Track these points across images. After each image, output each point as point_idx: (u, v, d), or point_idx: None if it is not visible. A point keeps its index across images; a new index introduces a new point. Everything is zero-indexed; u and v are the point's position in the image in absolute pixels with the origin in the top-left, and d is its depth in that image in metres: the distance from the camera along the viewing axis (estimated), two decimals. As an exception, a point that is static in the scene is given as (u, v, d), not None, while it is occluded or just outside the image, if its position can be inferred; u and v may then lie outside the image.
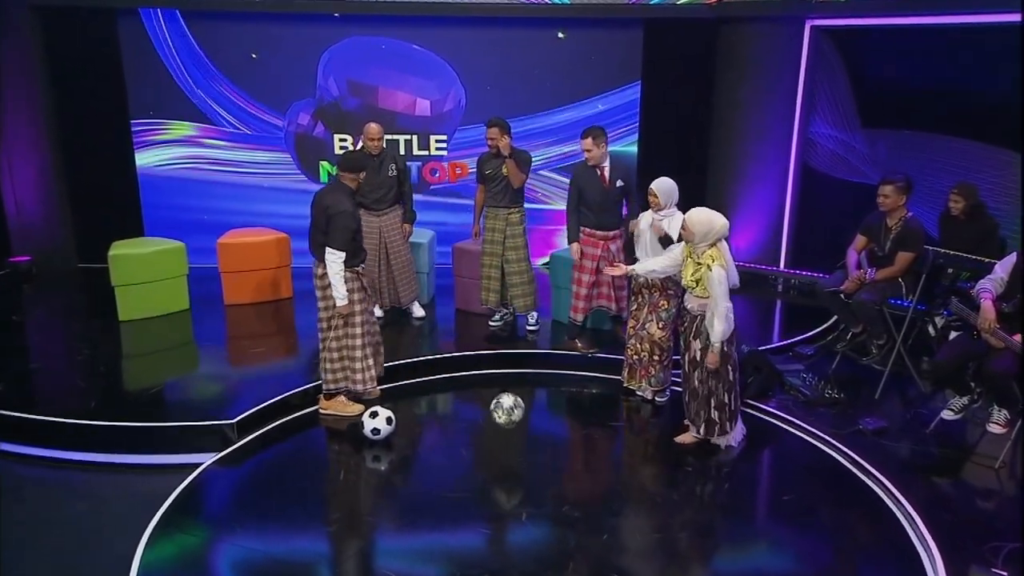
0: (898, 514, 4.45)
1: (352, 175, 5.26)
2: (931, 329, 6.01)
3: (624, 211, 6.07)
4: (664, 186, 5.37)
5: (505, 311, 6.75)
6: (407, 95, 8.22)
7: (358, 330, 5.34)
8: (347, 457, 5.11)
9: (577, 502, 4.55)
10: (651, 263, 5.19)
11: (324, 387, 5.44)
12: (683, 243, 4.95)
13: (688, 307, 4.97)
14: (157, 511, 4.38)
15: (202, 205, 8.41)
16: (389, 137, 8.10)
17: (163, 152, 8.29)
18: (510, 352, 6.37)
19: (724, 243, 4.81)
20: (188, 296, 7.17)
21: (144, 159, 8.27)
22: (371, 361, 5.48)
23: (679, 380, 5.31)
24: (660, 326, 5.42)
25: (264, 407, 5.35)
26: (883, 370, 5.77)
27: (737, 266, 4.91)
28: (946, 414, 5.27)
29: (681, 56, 7.93)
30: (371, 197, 6.37)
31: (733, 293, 4.79)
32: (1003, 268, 4.93)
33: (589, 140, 5.80)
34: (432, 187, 8.50)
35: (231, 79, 8.07)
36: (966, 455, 5.02)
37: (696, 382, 4.98)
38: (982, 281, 4.98)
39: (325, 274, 5.17)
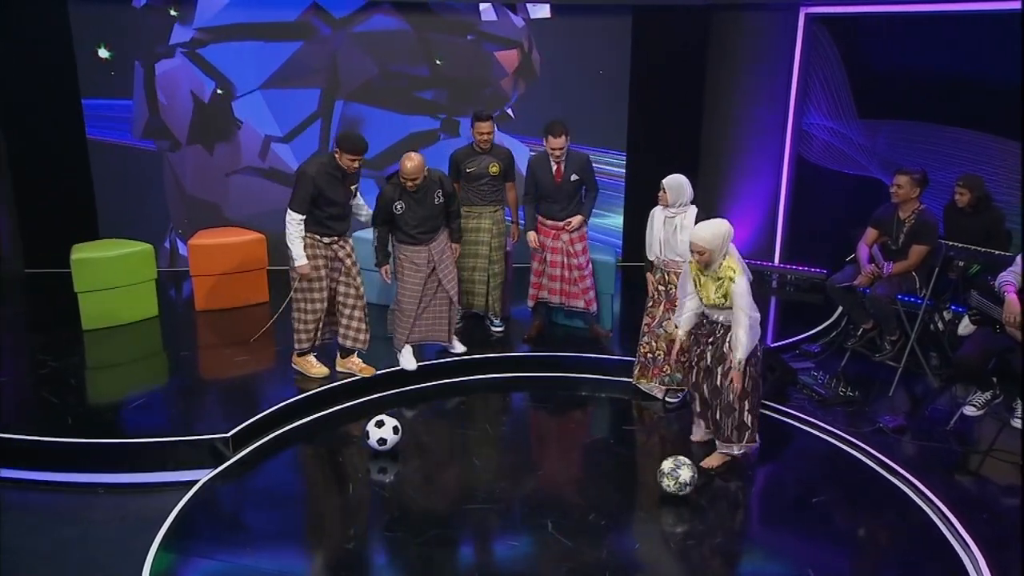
0: (930, 513, 4.33)
1: (347, 155, 5.09)
2: (940, 323, 5.94)
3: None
4: (674, 182, 5.18)
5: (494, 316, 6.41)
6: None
7: (318, 295, 5.34)
8: (352, 469, 4.82)
9: (602, 510, 4.34)
10: (737, 346, 4.46)
11: (296, 345, 5.52)
12: (689, 270, 4.62)
13: (719, 319, 4.57)
14: (155, 533, 4.05)
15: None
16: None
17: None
18: (512, 356, 6.09)
19: (733, 247, 4.53)
20: (157, 302, 6.72)
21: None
22: (319, 325, 5.46)
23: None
24: (677, 325, 5.21)
25: (259, 419, 4.99)
26: (895, 366, 5.67)
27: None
28: (968, 410, 5.17)
29: (672, 45, 7.74)
30: (417, 231, 5.46)
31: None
32: (1025, 260, 4.85)
33: (564, 139, 5.69)
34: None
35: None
36: (989, 451, 4.91)
37: (732, 395, 4.56)
38: (1003, 274, 4.90)
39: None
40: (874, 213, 5.88)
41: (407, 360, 5.68)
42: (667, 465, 4.37)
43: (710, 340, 4.65)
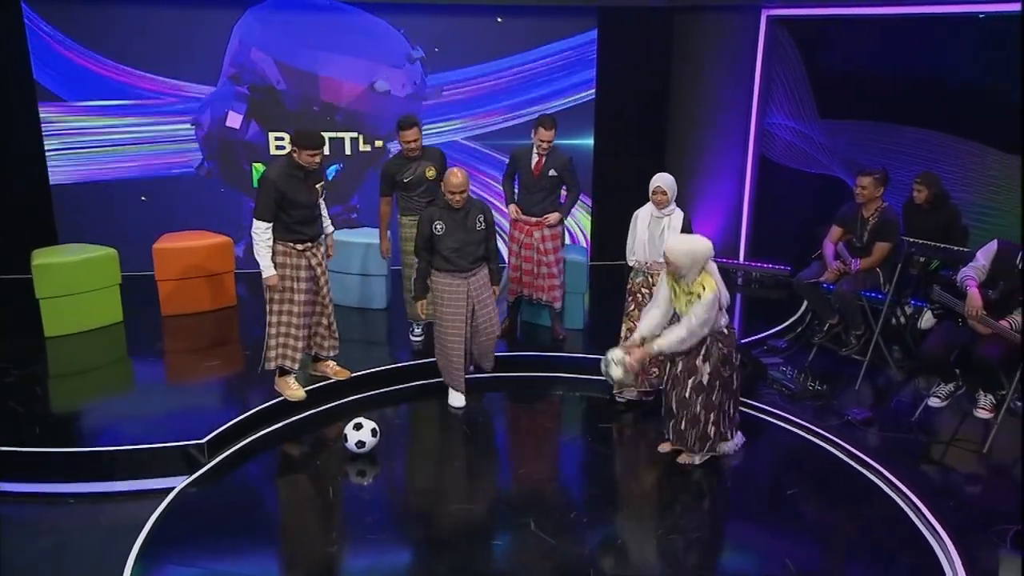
0: (900, 502, 4.46)
1: (305, 152, 4.89)
2: (902, 318, 6.11)
3: (561, 199, 6.11)
4: (670, 181, 5.16)
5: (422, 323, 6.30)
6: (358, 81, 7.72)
7: (295, 308, 5.10)
8: (331, 472, 4.77)
9: (583, 507, 4.39)
10: (666, 335, 4.58)
11: (270, 364, 5.23)
12: (665, 279, 4.64)
13: None
14: (131, 542, 3.98)
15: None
16: (335, 135, 7.75)
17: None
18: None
19: (713, 265, 4.53)
20: (121, 307, 6.59)
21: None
22: (301, 342, 5.19)
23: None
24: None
25: (234, 424, 4.94)
26: (861, 360, 5.81)
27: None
28: (933, 401, 5.33)
29: (636, 46, 7.83)
30: (455, 255, 5.16)
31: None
32: (984, 256, 5.00)
33: (553, 133, 5.78)
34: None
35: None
36: (953, 441, 5.09)
37: (699, 407, 4.64)
38: (965, 269, 5.05)
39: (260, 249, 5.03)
40: (838, 211, 6.01)
41: (455, 398, 5.51)
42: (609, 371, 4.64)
43: (700, 357, 4.63)
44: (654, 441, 5.05)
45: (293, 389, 5.26)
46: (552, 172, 5.89)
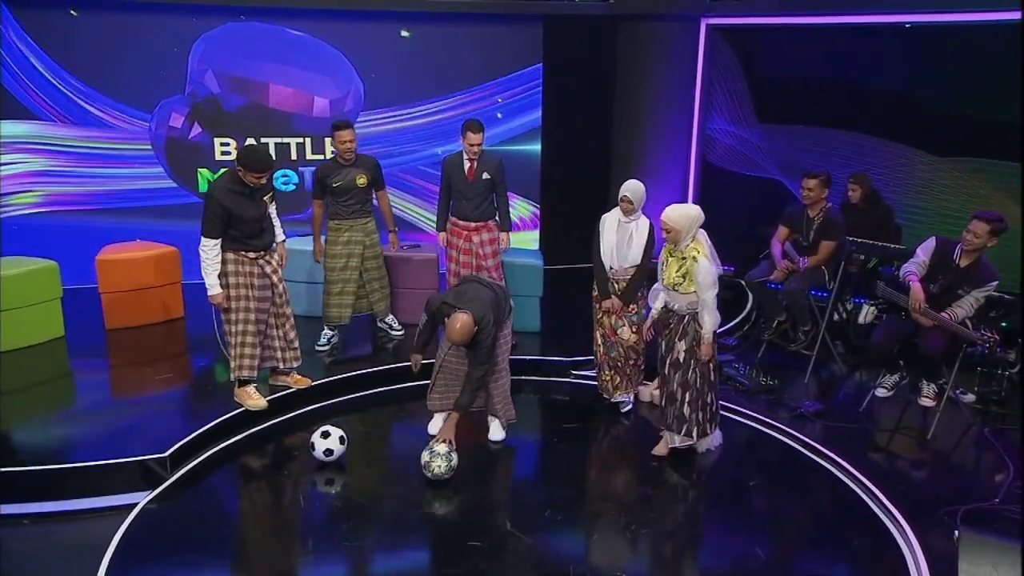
0: (855, 488, 4.65)
1: (251, 174, 4.85)
2: (844, 314, 6.37)
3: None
4: (637, 188, 5.21)
5: (333, 333, 6.25)
6: (301, 93, 7.65)
7: (251, 316, 5.09)
8: (300, 482, 4.71)
9: (555, 506, 4.43)
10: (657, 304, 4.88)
11: (235, 373, 5.18)
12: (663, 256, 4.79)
13: (675, 307, 4.74)
14: (92, 563, 3.85)
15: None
16: (281, 141, 7.65)
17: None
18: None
19: (704, 233, 4.71)
20: (63, 321, 6.36)
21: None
22: (257, 350, 5.16)
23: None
24: (634, 330, 5.29)
25: (195, 437, 4.83)
26: (808, 355, 6.04)
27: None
28: (880, 392, 5.58)
29: (581, 53, 7.95)
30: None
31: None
32: (924, 252, 5.26)
33: (482, 136, 5.83)
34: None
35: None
36: (899, 429, 5.34)
37: (675, 385, 4.78)
38: (906, 265, 5.30)
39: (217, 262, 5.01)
40: (785, 211, 6.22)
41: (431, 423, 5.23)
42: (423, 458, 4.57)
43: (678, 335, 4.76)
44: (618, 440, 5.15)
45: (254, 399, 5.17)
46: (485, 175, 5.92)
